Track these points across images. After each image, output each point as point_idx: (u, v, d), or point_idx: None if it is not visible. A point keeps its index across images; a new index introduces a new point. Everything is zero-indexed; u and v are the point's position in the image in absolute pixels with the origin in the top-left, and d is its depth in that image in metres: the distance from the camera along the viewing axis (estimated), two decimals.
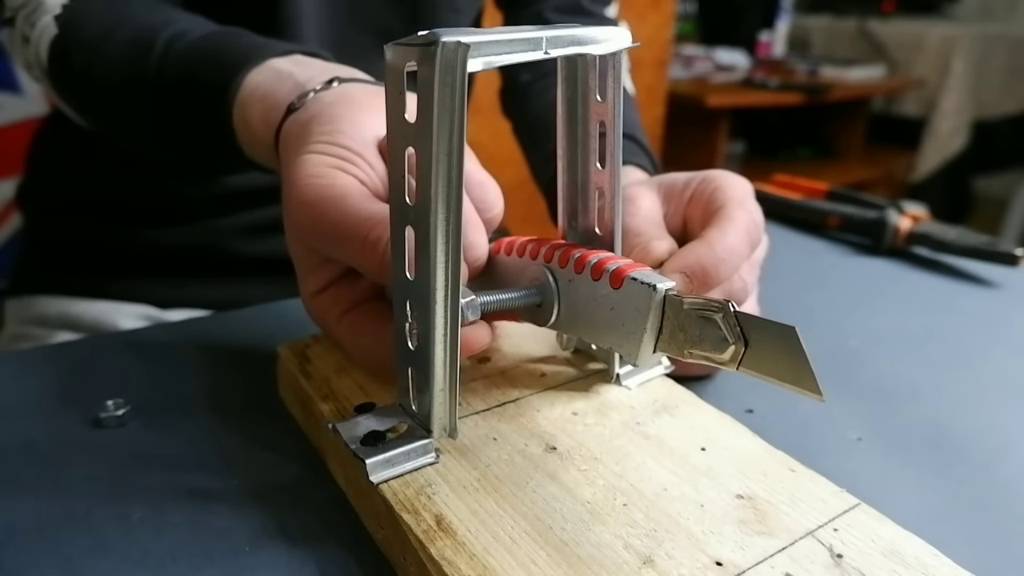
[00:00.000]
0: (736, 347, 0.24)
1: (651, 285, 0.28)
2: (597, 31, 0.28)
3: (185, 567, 0.28)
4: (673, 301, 0.27)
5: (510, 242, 0.35)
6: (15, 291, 0.63)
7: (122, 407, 0.36)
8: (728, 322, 0.24)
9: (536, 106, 0.64)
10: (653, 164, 0.55)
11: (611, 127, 0.31)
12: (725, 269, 0.34)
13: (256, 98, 0.39)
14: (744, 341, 0.24)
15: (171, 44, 0.44)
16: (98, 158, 0.60)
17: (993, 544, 0.30)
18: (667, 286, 0.28)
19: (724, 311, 0.25)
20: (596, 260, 0.30)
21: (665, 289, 0.28)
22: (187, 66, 0.43)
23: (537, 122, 0.64)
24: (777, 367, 0.23)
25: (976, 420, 0.39)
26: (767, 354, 0.24)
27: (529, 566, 0.24)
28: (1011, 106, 2.51)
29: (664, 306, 0.28)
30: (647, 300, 0.28)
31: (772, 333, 0.23)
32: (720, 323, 0.25)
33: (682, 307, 0.27)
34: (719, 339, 0.25)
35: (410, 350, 0.28)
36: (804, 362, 0.22)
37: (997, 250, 0.57)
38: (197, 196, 0.60)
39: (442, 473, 0.28)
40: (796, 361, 0.23)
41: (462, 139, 0.25)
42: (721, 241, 0.35)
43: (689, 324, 0.26)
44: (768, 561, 0.24)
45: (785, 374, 0.23)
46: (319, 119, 0.34)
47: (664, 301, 0.28)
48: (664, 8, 1.90)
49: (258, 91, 0.40)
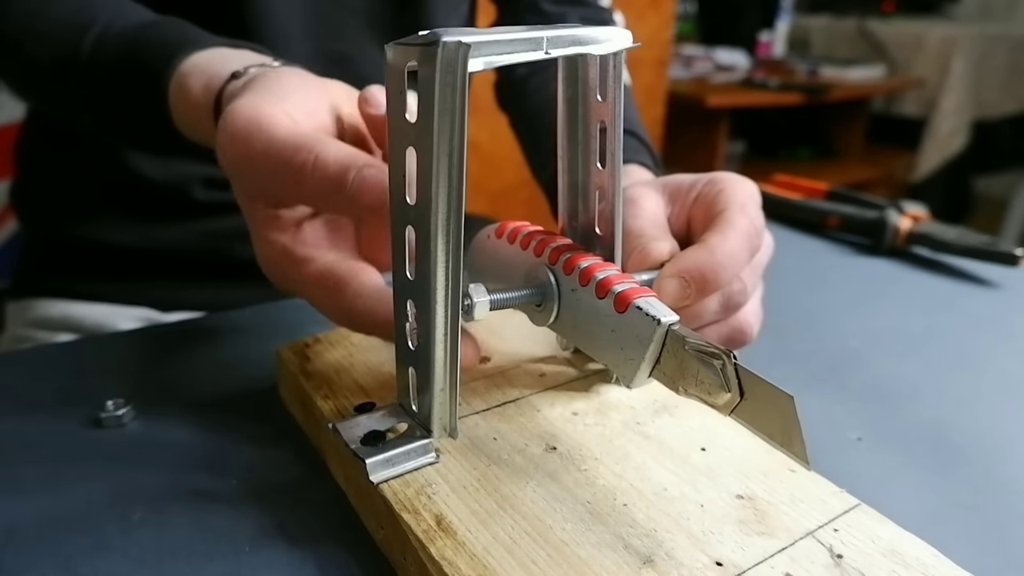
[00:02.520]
0: (732, 396, 0.24)
1: (655, 319, 0.27)
2: (598, 31, 0.28)
3: (185, 567, 0.28)
4: (675, 337, 0.27)
5: (515, 229, 0.34)
6: (16, 294, 0.63)
7: (122, 407, 0.36)
8: (727, 372, 0.24)
9: (534, 101, 0.64)
10: (655, 160, 0.55)
11: (611, 127, 0.30)
12: (724, 275, 0.34)
13: (199, 69, 0.39)
14: (740, 393, 0.24)
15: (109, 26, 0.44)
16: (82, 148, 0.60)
17: (993, 544, 0.30)
18: (671, 320, 0.27)
19: (724, 360, 0.24)
20: (602, 277, 0.30)
21: (669, 324, 0.27)
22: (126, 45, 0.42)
23: (536, 118, 0.63)
24: (769, 426, 0.23)
25: (976, 420, 0.39)
26: (761, 411, 0.23)
27: (529, 566, 0.24)
28: (1011, 106, 2.51)
29: (665, 340, 0.27)
30: (649, 332, 0.27)
31: (769, 394, 0.23)
32: (719, 370, 0.24)
33: (683, 346, 0.26)
34: (716, 384, 0.24)
35: (410, 350, 0.28)
36: (796, 429, 0.22)
37: (997, 250, 0.57)
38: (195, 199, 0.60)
39: (442, 473, 0.28)
40: (789, 427, 0.22)
41: (463, 139, 0.25)
42: (721, 247, 0.34)
43: (688, 362, 0.26)
44: (768, 561, 0.24)
45: (776, 435, 0.23)
46: (263, 79, 0.34)
47: (666, 336, 0.27)
48: (664, 8, 1.90)
49: (200, 64, 0.39)
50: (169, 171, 0.59)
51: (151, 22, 0.44)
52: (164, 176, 0.59)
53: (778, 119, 2.40)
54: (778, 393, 0.23)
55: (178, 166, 0.59)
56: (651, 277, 0.33)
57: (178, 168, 0.59)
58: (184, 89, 0.39)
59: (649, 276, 0.33)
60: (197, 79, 0.39)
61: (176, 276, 0.61)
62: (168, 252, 0.60)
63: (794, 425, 0.22)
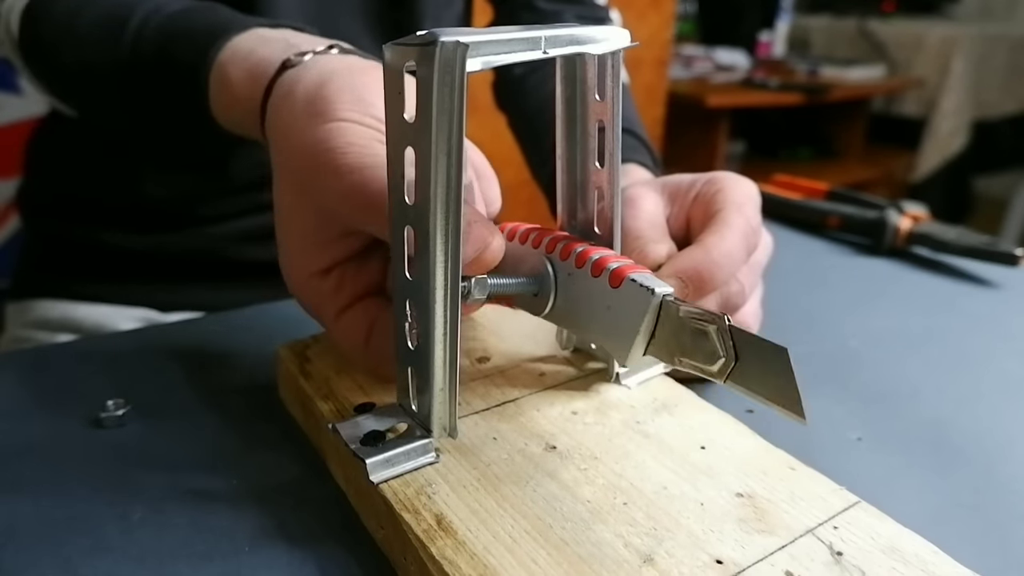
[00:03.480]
0: (726, 361, 0.24)
1: (650, 289, 0.28)
2: (596, 30, 0.28)
3: (185, 567, 0.28)
4: (669, 307, 0.27)
5: (513, 228, 0.35)
6: (16, 295, 0.63)
7: (122, 407, 0.36)
8: (721, 335, 0.24)
9: (532, 100, 0.64)
10: (654, 159, 0.55)
11: (610, 126, 0.31)
12: (721, 275, 0.34)
13: (240, 56, 0.37)
14: (735, 356, 0.24)
15: (146, 21, 0.42)
16: (96, 160, 0.60)
17: (993, 544, 0.30)
18: (665, 291, 0.28)
19: (719, 324, 0.24)
20: (598, 257, 0.30)
21: (663, 294, 0.28)
22: (163, 38, 0.41)
23: (535, 117, 0.63)
24: (765, 385, 0.23)
25: (976, 420, 0.39)
26: (756, 371, 0.24)
27: (529, 565, 0.24)
28: (1011, 106, 2.51)
29: (660, 311, 0.28)
30: (644, 303, 0.28)
31: (764, 351, 0.23)
32: (713, 335, 0.25)
33: (678, 315, 0.27)
34: (710, 351, 0.25)
35: (410, 350, 0.28)
36: (792, 383, 0.22)
37: (997, 250, 0.57)
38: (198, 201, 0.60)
39: (442, 473, 0.28)
40: (784, 382, 0.23)
41: (461, 139, 0.25)
42: (718, 247, 0.34)
43: (682, 332, 0.26)
44: (768, 559, 0.24)
45: (772, 393, 0.23)
46: (339, 87, 0.32)
47: (660, 306, 0.28)
48: (664, 8, 1.90)
49: (242, 50, 0.37)
50: (174, 190, 0.59)
51: (181, 11, 0.42)
52: (169, 195, 0.59)
53: (778, 119, 2.40)
54: (772, 347, 0.23)
55: (184, 185, 0.59)
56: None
57: (184, 187, 0.59)
58: (225, 80, 0.38)
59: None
60: (239, 67, 0.37)
61: (176, 278, 0.61)
62: (168, 254, 0.61)
63: (790, 380, 0.22)
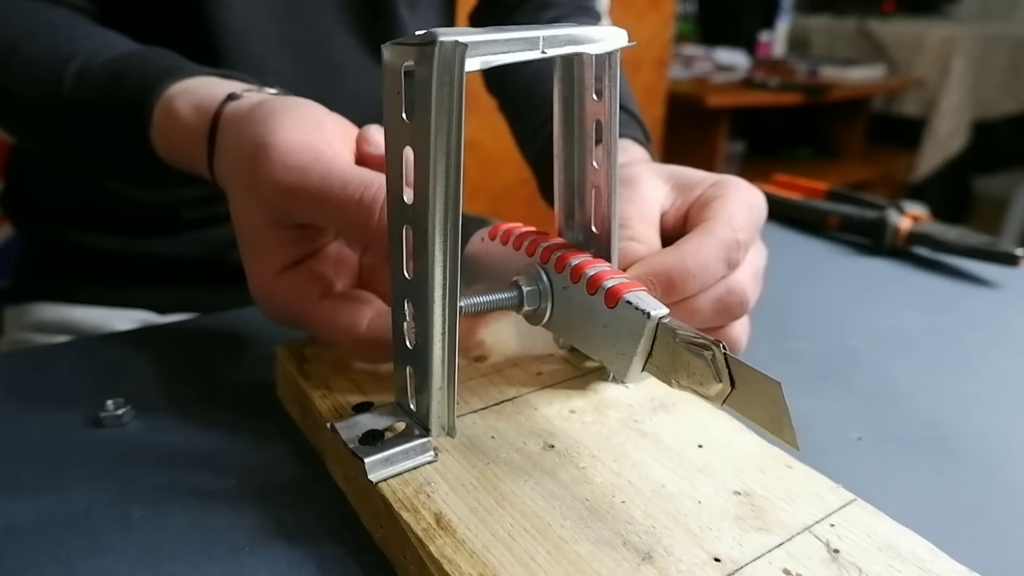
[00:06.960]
0: (723, 387, 0.24)
1: (645, 312, 0.28)
2: (594, 30, 0.28)
3: (185, 566, 0.28)
4: (665, 331, 0.27)
5: (507, 230, 0.35)
6: (14, 298, 0.63)
7: (122, 407, 0.36)
8: (717, 363, 0.24)
9: (518, 79, 0.63)
10: (646, 135, 0.53)
11: (607, 126, 0.31)
12: (692, 284, 0.33)
13: (188, 92, 0.38)
14: (731, 383, 0.24)
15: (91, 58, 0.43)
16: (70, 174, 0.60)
17: (993, 544, 0.30)
18: (661, 314, 0.28)
19: (714, 352, 0.24)
20: (592, 273, 0.30)
21: (659, 317, 0.27)
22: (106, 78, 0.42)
23: (520, 95, 0.63)
24: (759, 413, 0.24)
25: (976, 420, 0.39)
26: (751, 399, 0.24)
27: (528, 563, 0.24)
28: (1011, 106, 2.51)
29: (656, 333, 0.28)
30: (640, 326, 0.28)
31: (758, 383, 0.23)
32: (709, 362, 0.25)
33: (674, 338, 0.27)
34: (707, 375, 0.25)
35: (408, 349, 0.28)
36: (785, 416, 0.23)
37: (997, 250, 0.57)
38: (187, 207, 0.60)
39: (441, 471, 0.28)
40: (778, 413, 0.23)
41: (460, 138, 0.25)
42: (694, 255, 0.33)
43: (679, 355, 0.26)
44: (766, 556, 0.25)
45: (766, 422, 0.23)
46: (283, 103, 0.33)
47: (656, 329, 0.28)
48: (664, 8, 1.90)
49: (188, 88, 0.38)
50: (164, 196, 0.59)
51: (133, 52, 0.43)
52: (159, 200, 0.59)
53: (778, 119, 2.41)
54: (766, 380, 0.23)
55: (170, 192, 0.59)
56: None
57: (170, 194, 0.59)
58: (171, 113, 0.39)
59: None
60: (186, 101, 0.38)
61: (172, 281, 0.61)
62: (162, 259, 0.61)
63: (783, 411, 0.23)
